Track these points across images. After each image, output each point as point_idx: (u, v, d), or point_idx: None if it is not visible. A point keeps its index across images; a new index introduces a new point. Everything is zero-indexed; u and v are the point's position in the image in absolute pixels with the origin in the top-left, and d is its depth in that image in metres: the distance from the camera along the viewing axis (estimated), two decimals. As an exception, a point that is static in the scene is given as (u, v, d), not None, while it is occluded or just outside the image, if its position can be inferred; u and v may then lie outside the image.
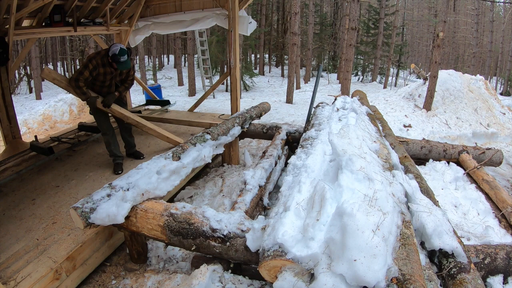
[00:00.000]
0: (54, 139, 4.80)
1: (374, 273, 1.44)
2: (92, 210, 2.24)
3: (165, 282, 2.32)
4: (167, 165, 2.77)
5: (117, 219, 2.25)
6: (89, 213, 2.23)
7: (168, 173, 2.75)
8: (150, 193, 2.52)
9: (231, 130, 4.03)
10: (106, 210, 2.23)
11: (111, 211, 2.23)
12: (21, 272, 2.18)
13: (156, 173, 2.65)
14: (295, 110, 8.85)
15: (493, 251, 2.26)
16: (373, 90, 13.17)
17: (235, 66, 5.44)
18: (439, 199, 3.15)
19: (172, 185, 2.80)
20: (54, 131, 6.74)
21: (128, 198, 2.34)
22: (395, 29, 16.40)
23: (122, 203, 2.30)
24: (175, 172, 2.85)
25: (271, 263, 1.73)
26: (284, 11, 20.27)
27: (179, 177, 2.90)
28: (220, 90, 13.12)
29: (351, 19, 9.10)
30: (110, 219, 2.24)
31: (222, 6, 5.48)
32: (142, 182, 2.49)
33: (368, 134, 2.95)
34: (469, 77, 7.61)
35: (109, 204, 2.26)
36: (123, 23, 6.30)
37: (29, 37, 5.01)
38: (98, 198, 2.31)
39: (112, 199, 2.31)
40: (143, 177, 2.54)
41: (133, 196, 2.36)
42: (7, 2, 3.78)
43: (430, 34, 24.99)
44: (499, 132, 6.28)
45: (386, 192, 1.90)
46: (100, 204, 2.27)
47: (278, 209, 2.14)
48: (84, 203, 2.27)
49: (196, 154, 3.16)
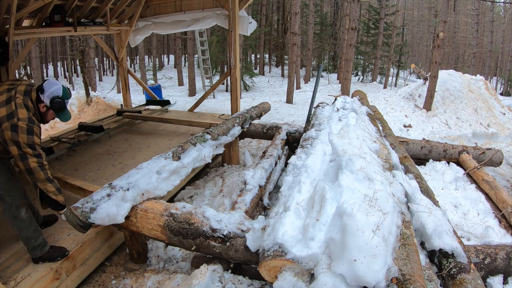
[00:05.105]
0: (54, 139, 4.79)
1: (374, 273, 1.44)
2: (92, 210, 2.23)
3: (165, 282, 2.32)
4: (167, 165, 2.77)
5: (117, 219, 2.25)
6: (89, 213, 2.22)
7: (168, 173, 2.73)
8: (150, 193, 2.52)
9: (231, 130, 4.03)
10: (106, 210, 2.22)
11: (111, 211, 2.22)
12: (21, 272, 2.18)
13: (156, 173, 2.64)
14: (295, 110, 8.85)
15: (493, 251, 2.26)
16: (373, 90, 13.16)
17: (235, 66, 5.44)
18: (439, 199, 3.14)
19: (172, 185, 2.79)
20: (54, 131, 6.73)
21: (128, 198, 2.33)
22: (395, 29, 16.40)
23: (122, 203, 2.29)
24: (175, 172, 2.84)
25: (271, 263, 1.73)
26: (284, 11, 20.27)
27: (179, 177, 2.89)
28: (220, 90, 13.12)
29: (351, 19, 9.09)
30: (110, 219, 2.24)
31: (222, 6, 5.48)
32: (142, 182, 2.48)
33: (368, 134, 2.94)
34: (469, 77, 7.60)
35: (109, 204, 2.25)
36: (123, 23, 6.30)
37: (29, 37, 5.01)
38: (98, 198, 2.31)
39: (112, 199, 2.30)
40: (143, 177, 2.54)
41: (133, 196, 2.36)
42: (7, 2, 3.77)
43: (430, 34, 24.98)
44: (499, 132, 6.28)
45: (386, 192, 1.90)
46: (100, 204, 2.26)
47: (278, 209, 2.14)
48: (84, 203, 2.27)
49: (196, 154, 3.15)
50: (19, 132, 1.89)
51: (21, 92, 2.04)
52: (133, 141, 4.83)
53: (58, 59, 22.35)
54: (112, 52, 6.85)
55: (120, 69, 6.98)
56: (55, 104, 2.10)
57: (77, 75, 20.08)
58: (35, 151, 1.95)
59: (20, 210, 2.15)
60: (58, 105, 2.11)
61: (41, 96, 2.08)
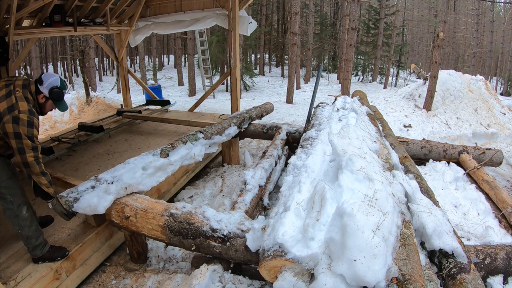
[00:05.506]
0: (54, 139, 4.80)
1: (374, 273, 1.44)
2: (75, 199, 2.33)
3: (165, 282, 2.32)
4: (153, 161, 2.85)
5: (98, 210, 2.35)
6: (72, 202, 2.31)
7: (153, 169, 2.82)
8: (134, 187, 2.60)
9: (227, 130, 4.03)
10: (88, 200, 2.32)
11: (93, 202, 2.33)
12: (21, 272, 2.18)
13: (142, 169, 2.73)
14: (295, 110, 8.86)
15: (493, 251, 2.26)
16: (373, 90, 13.16)
17: (235, 66, 5.44)
18: (439, 199, 3.14)
19: (157, 181, 2.87)
20: (54, 131, 6.74)
21: (112, 191, 2.43)
22: (395, 29, 16.39)
23: (105, 195, 2.40)
24: (161, 169, 2.91)
25: (271, 263, 1.73)
26: (284, 11, 20.26)
27: (165, 174, 2.96)
28: (220, 90, 13.12)
29: (351, 19, 9.10)
30: (91, 209, 2.34)
31: (222, 6, 5.48)
32: (126, 177, 2.57)
33: (368, 134, 2.94)
34: (469, 77, 7.61)
35: (91, 195, 2.36)
36: (123, 23, 6.30)
37: (29, 37, 5.01)
38: (83, 189, 2.40)
39: (96, 191, 2.40)
40: (128, 172, 2.63)
41: (117, 190, 2.46)
42: (7, 2, 3.78)
43: (430, 34, 24.98)
44: (499, 132, 6.28)
45: (386, 192, 1.90)
46: (83, 194, 2.36)
47: (278, 209, 2.14)
48: (69, 192, 2.36)
49: (185, 152, 3.21)
50: (20, 124, 1.96)
51: (20, 86, 2.10)
52: (133, 141, 4.83)
53: (58, 59, 22.34)
54: (112, 52, 6.85)
55: (120, 69, 6.99)
56: (54, 94, 2.17)
57: (77, 75, 20.08)
58: (33, 144, 2.04)
59: (22, 208, 2.17)
60: (56, 94, 2.19)
61: (40, 87, 2.15)
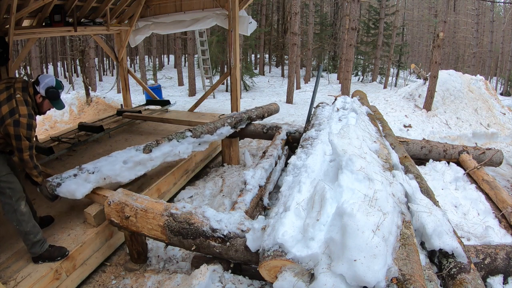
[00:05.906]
0: (54, 139, 4.80)
1: (374, 273, 1.44)
2: (58, 184, 2.61)
3: (165, 282, 2.32)
4: (134, 156, 3.06)
5: (75, 195, 2.63)
6: (55, 187, 2.59)
7: (133, 164, 3.03)
8: (112, 178, 2.87)
9: (219, 129, 4.03)
10: (68, 186, 2.63)
11: (71, 188, 2.63)
12: (21, 272, 2.18)
13: (123, 162, 2.96)
14: (295, 110, 8.85)
15: (493, 251, 2.26)
16: (373, 90, 13.15)
17: (235, 66, 5.45)
18: (439, 199, 3.14)
19: (136, 175, 3.09)
20: (54, 131, 6.74)
21: (91, 180, 2.74)
22: (395, 29, 16.39)
23: (85, 183, 2.70)
24: (141, 163, 3.13)
25: (271, 263, 1.73)
26: (284, 11, 20.26)
27: (145, 168, 3.18)
28: (220, 90, 13.12)
29: (351, 19, 9.10)
30: (70, 194, 2.63)
31: (222, 6, 5.48)
32: (106, 169, 2.84)
33: (368, 134, 2.94)
34: (469, 77, 7.60)
35: (71, 182, 2.65)
36: (123, 23, 6.30)
37: (29, 37, 5.01)
38: (66, 176, 2.69)
39: (77, 178, 2.70)
40: (108, 164, 2.89)
41: (96, 179, 2.76)
42: (7, 2, 3.78)
43: (430, 34, 24.97)
44: (499, 132, 6.28)
45: (386, 192, 1.90)
46: (65, 181, 2.65)
47: (278, 209, 2.14)
48: (54, 178, 2.65)
49: (169, 149, 3.35)
50: (20, 127, 2.11)
51: (20, 89, 2.21)
52: (133, 141, 4.82)
53: (58, 59, 22.34)
54: (112, 52, 6.85)
55: (120, 69, 6.99)
56: (50, 93, 2.29)
57: (77, 75, 20.07)
58: (30, 143, 2.22)
59: (20, 203, 2.24)
60: (52, 94, 2.30)
61: (37, 88, 2.27)
